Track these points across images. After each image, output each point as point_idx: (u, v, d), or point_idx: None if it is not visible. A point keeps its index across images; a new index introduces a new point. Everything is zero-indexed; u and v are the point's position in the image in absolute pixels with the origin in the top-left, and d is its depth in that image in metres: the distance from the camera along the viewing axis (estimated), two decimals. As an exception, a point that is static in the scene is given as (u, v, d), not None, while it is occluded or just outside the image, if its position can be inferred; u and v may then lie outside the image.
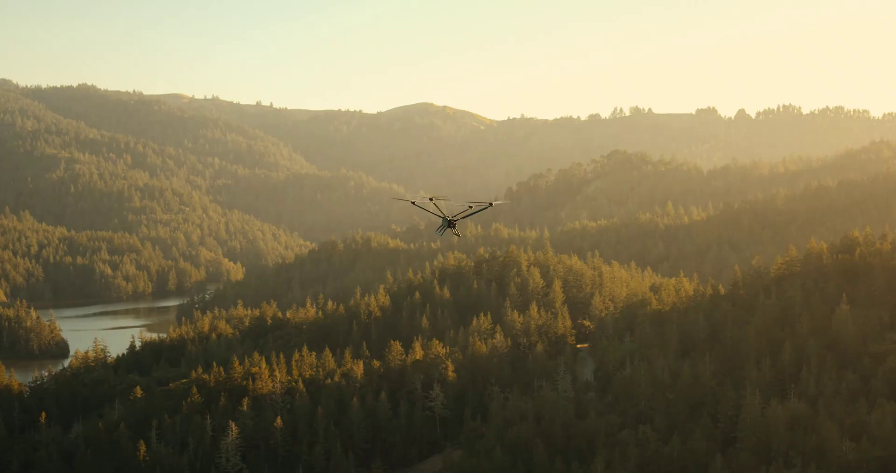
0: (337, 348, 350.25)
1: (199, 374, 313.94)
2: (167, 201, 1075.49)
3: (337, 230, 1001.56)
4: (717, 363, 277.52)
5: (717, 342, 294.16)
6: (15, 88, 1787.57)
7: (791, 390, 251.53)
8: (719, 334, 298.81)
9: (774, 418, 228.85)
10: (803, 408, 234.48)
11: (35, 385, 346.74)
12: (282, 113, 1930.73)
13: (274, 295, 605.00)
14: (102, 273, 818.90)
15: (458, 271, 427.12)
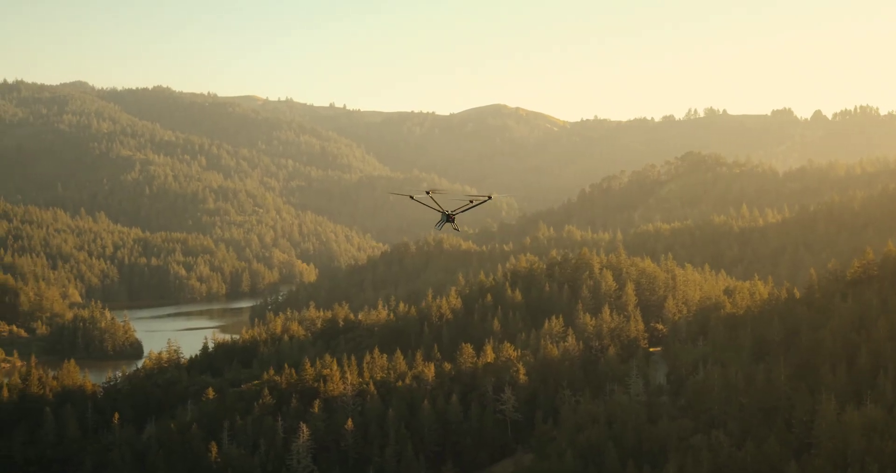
0: (408, 350, 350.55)
1: (270, 375, 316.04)
2: (241, 202, 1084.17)
3: (409, 232, 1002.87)
4: (791, 367, 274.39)
5: (792, 346, 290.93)
6: (91, 91, 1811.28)
7: (867, 395, 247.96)
8: (794, 338, 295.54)
9: (850, 423, 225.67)
10: (880, 414, 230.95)
11: (109, 386, 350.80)
12: (355, 115, 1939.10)
13: (346, 297, 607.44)
14: (177, 274, 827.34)
15: (530, 274, 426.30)
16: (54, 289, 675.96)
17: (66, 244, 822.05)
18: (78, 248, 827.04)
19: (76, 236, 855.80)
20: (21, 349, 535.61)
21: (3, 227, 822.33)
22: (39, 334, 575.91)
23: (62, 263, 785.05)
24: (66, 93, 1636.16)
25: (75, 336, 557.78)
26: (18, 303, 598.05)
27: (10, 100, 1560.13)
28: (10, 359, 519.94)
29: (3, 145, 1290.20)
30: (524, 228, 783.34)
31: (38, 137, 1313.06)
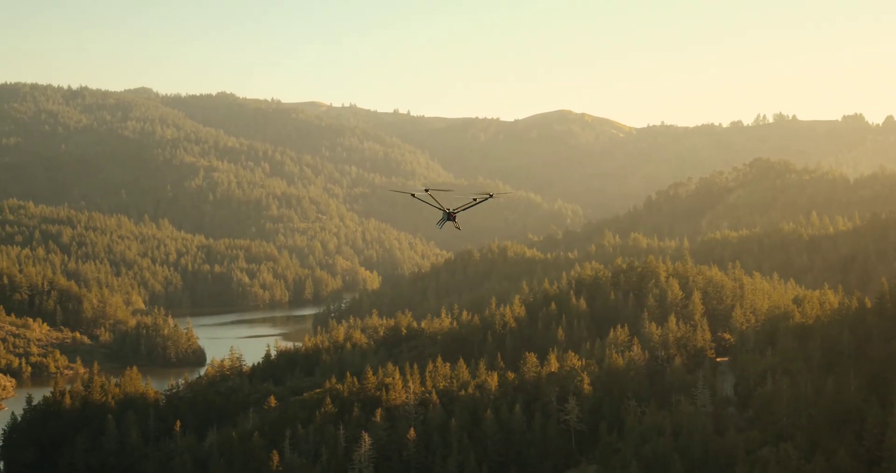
0: (471, 359, 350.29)
1: (332, 384, 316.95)
2: (304, 209, 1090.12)
3: (473, 240, 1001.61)
4: (862, 378, 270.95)
5: (863, 357, 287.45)
6: (155, 97, 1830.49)
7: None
8: (865, 348, 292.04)
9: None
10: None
11: (171, 394, 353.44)
12: (419, 121, 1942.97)
13: (409, 305, 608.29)
14: (240, 281, 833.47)
15: (595, 282, 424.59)
16: (118, 296, 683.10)
17: (130, 251, 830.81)
18: (141, 254, 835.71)
19: (140, 242, 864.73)
20: (84, 356, 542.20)
21: (68, 233, 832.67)
22: (102, 341, 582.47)
23: (126, 269, 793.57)
24: (130, 99, 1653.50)
25: (138, 344, 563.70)
26: (82, 310, 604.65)
27: (74, 106, 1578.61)
28: (73, 366, 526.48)
29: (68, 152, 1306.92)
30: (589, 235, 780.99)
31: (102, 144, 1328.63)
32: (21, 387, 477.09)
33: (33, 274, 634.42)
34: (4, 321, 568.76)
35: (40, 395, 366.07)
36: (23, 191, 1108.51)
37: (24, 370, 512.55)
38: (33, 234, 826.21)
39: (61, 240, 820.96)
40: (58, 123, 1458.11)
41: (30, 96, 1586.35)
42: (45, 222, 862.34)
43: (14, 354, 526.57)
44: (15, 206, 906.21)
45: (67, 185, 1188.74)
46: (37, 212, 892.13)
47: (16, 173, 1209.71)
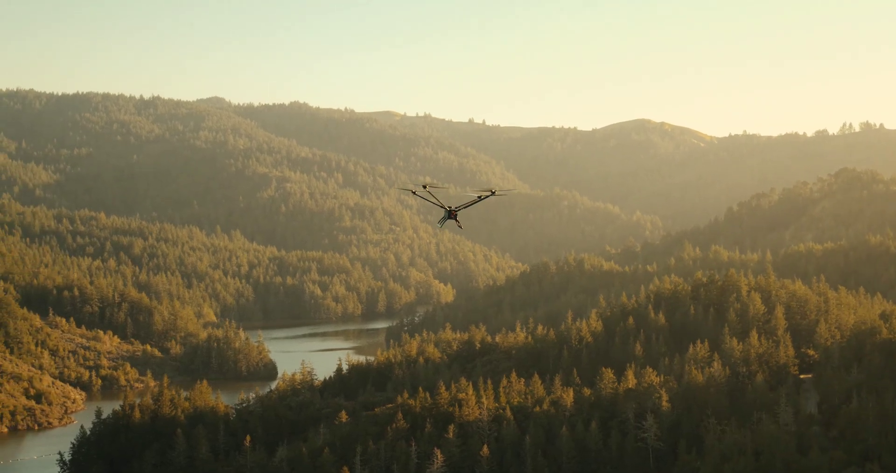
0: (546, 374, 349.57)
1: (404, 399, 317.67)
2: (378, 220, 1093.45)
3: (549, 252, 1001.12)
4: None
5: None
6: (228, 106, 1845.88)
7: None
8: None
9: None
10: None
11: (241, 408, 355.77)
12: (494, 130, 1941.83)
13: (483, 318, 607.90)
14: (312, 294, 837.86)
15: (674, 296, 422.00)
16: (189, 308, 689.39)
17: (202, 263, 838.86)
18: (213, 266, 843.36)
19: (211, 254, 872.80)
20: (154, 369, 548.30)
21: (139, 245, 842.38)
22: (173, 354, 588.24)
23: (197, 281, 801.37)
24: (203, 109, 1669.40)
25: (209, 357, 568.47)
26: (153, 322, 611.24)
27: (146, 116, 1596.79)
28: (143, 379, 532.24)
29: (139, 162, 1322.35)
30: (668, 248, 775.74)
31: (174, 154, 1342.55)
32: (91, 400, 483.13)
33: (104, 286, 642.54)
34: (75, 333, 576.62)
35: (110, 408, 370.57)
36: (94, 202, 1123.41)
37: (95, 383, 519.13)
38: (104, 245, 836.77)
39: (132, 252, 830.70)
40: (129, 134, 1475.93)
41: (101, 106, 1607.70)
42: (117, 233, 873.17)
43: (84, 367, 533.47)
44: (86, 217, 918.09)
45: (139, 196, 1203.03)
46: (108, 223, 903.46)
47: (87, 184, 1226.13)
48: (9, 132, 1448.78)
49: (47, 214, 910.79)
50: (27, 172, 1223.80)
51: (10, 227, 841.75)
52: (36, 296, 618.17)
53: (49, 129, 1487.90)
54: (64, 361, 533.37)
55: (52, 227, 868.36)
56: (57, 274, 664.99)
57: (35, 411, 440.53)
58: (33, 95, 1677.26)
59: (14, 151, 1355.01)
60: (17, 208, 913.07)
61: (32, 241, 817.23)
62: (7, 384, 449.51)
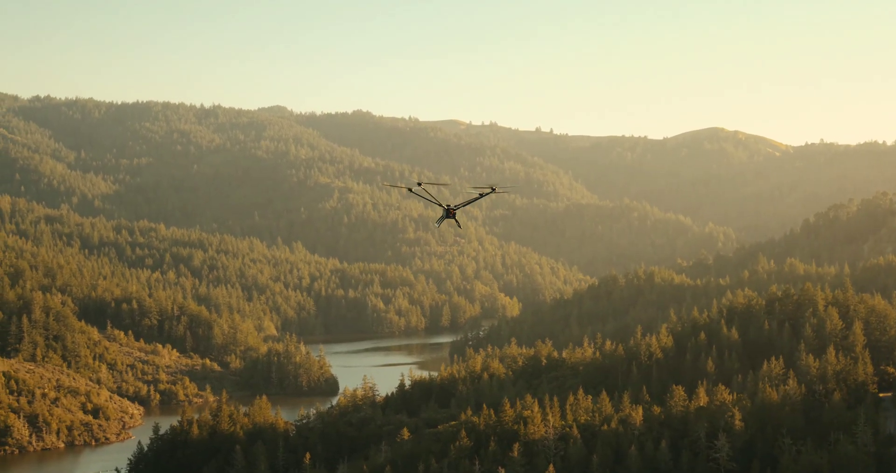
0: (615, 391, 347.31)
1: (468, 416, 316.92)
2: (442, 232, 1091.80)
3: (618, 264, 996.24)
4: None
5: None
6: (290, 115, 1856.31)
7: None
8: None
9: None
10: None
11: (301, 424, 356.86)
12: (562, 139, 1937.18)
13: (550, 333, 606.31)
14: (375, 307, 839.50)
15: (747, 310, 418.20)
16: (249, 322, 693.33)
17: (262, 275, 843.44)
18: (274, 279, 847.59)
19: (272, 266, 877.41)
20: (214, 383, 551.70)
21: (199, 256, 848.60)
22: (233, 368, 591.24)
23: (257, 294, 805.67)
24: (264, 118, 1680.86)
25: (269, 371, 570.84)
26: (212, 336, 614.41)
27: (207, 125, 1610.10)
28: (202, 394, 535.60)
29: (200, 172, 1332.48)
30: (742, 260, 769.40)
31: (235, 164, 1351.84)
32: (149, 415, 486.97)
33: (163, 299, 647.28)
34: (133, 346, 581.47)
35: (168, 424, 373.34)
36: (154, 213, 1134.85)
37: (153, 397, 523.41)
38: (164, 257, 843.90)
39: (192, 264, 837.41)
40: (190, 143, 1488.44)
41: (162, 115, 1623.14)
42: (176, 244, 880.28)
43: (143, 381, 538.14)
44: (146, 228, 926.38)
45: (199, 206, 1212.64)
46: (168, 234, 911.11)
47: (147, 195, 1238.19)
48: (68, 142, 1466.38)
49: (106, 225, 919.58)
50: (86, 183, 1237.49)
51: (69, 238, 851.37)
52: (94, 309, 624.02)
53: (108, 138, 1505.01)
54: (122, 375, 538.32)
55: (111, 238, 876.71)
56: (115, 286, 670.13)
57: (92, 426, 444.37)
58: (93, 104, 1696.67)
59: (73, 161, 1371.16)
60: (76, 219, 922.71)
61: (91, 252, 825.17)
62: (64, 399, 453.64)
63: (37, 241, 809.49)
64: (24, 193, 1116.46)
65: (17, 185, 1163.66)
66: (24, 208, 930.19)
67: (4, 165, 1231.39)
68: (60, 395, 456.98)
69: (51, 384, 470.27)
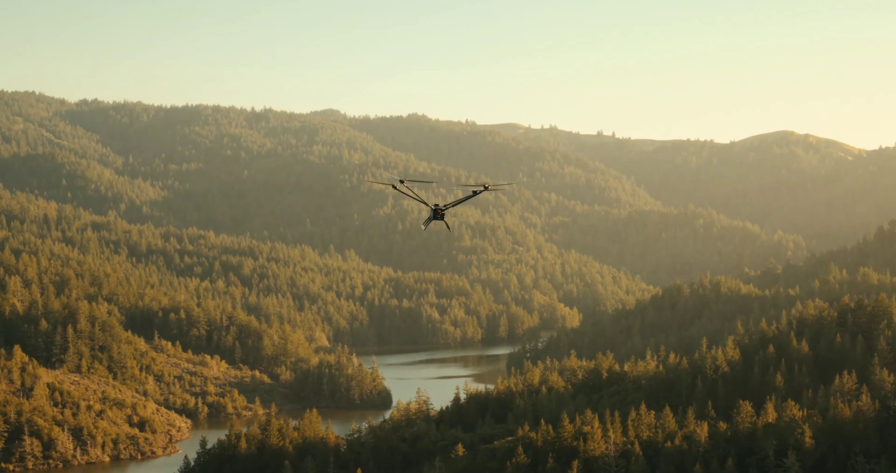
0: (679, 406, 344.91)
1: (525, 432, 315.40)
2: (499, 239, 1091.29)
3: (683, 273, 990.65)
4: None
5: None
6: (343, 119, 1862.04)
7: None
8: None
9: None
10: None
11: (352, 439, 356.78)
12: (624, 143, 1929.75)
13: (611, 345, 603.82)
14: (429, 318, 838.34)
15: (818, 322, 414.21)
16: (300, 332, 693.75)
17: (314, 284, 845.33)
18: (326, 288, 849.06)
19: (324, 275, 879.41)
20: (263, 396, 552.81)
21: (249, 265, 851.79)
22: (283, 380, 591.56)
23: (309, 304, 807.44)
24: (317, 122, 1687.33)
25: (320, 384, 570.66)
26: (262, 347, 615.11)
27: (258, 129, 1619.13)
28: (251, 406, 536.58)
29: (251, 178, 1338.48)
30: (812, 269, 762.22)
31: (287, 169, 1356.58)
32: (197, 429, 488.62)
33: (212, 308, 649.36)
34: (181, 357, 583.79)
35: (216, 438, 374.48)
36: (203, 219, 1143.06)
37: (201, 410, 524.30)
38: (213, 265, 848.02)
39: (242, 272, 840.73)
40: (240, 148, 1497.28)
41: (212, 119, 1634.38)
42: (226, 252, 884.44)
43: (190, 393, 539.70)
44: (195, 235, 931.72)
45: (249, 213, 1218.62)
46: (217, 242, 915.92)
47: (196, 201, 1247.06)
48: (115, 147, 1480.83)
49: (154, 232, 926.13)
50: (134, 189, 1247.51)
51: (116, 246, 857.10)
52: (141, 318, 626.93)
53: (157, 143, 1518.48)
54: (169, 387, 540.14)
55: (159, 246, 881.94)
56: (163, 295, 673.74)
57: (138, 439, 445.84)
58: (141, 107, 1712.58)
59: (121, 166, 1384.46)
60: (124, 227, 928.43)
61: (139, 260, 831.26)
62: (110, 411, 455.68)
63: (83, 248, 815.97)
64: (70, 199, 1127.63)
65: (63, 191, 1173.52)
66: (70, 214, 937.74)
67: (51, 170, 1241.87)
68: (106, 407, 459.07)
69: (96, 395, 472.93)
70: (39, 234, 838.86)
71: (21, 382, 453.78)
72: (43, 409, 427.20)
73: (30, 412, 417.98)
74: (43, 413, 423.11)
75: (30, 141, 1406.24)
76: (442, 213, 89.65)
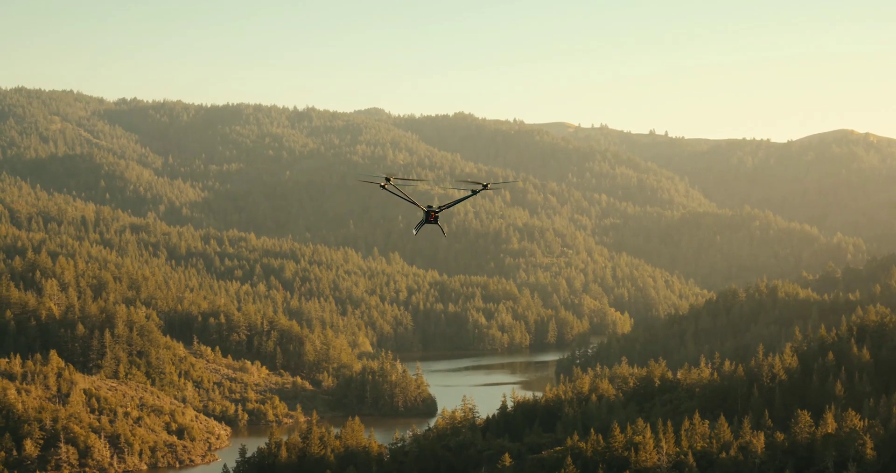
0: (734, 416, 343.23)
1: (575, 441, 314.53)
2: (548, 242, 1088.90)
3: (738, 277, 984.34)
4: None
5: None
6: (387, 118, 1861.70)
7: None
8: None
9: None
10: None
11: (396, 447, 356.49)
12: (678, 143, 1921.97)
13: (664, 352, 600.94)
14: (476, 323, 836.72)
15: (880, 328, 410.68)
16: (342, 337, 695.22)
17: (357, 288, 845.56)
18: (369, 292, 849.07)
19: (368, 278, 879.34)
20: (305, 403, 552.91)
21: (291, 268, 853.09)
22: (325, 386, 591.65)
23: (352, 308, 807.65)
24: (360, 121, 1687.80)
25: (363, 390, 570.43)
26: (304, 352, 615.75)
27: (300, 129, 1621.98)
28: (292, 414, 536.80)
29: (293, 179, 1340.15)
30: (874, 273, 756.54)
31: (330, 170, 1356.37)
32: (236, 436, 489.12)
33: (252, 312, 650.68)
34: (221, 363, 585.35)
35: (256, 446, 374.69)
36: (244, 221, 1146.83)
37: (241, 417, 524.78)
38: (254, 268, 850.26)
39: (283, 275, 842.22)
40: (282, 148, 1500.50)
41: (253, 118, 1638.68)
42: (267, 255, 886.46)
43: (230, 400, 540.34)
44: (235, 237, 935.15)
45: (291, 214, 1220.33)
46: (258, 244, 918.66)
47: (237, 202, 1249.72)
48: (155, 147, 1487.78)
49: (194, 234, 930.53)
50: (173, 190, 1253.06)
51: (155, 248, 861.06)
52: (180, 323, 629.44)
53: (197, 143, 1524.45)
54: (208, 393, 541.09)
55: (199, 248, 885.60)
56: (203, 299, 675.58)
57: (177, 447, 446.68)
58: (181, 106, 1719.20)
59: (160, 166, 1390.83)
60: (163, 228, 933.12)
61: (178, 263, 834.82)
62: (147, 418, 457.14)
63: (121, 251, 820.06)
64: (108, 200, 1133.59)
65: (101, 192, 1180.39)
66: (108, 216, 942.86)
67: (89, 171, 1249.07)
68: (144, 414, 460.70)
69: (134, 402, 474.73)
70: (77, 236, 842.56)
71: (57, 388, 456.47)
72: (79, 416, 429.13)
73: (66, 418, 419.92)
74: (79, 420, 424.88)
75: (68, 141, 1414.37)
76: (436, 215, 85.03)
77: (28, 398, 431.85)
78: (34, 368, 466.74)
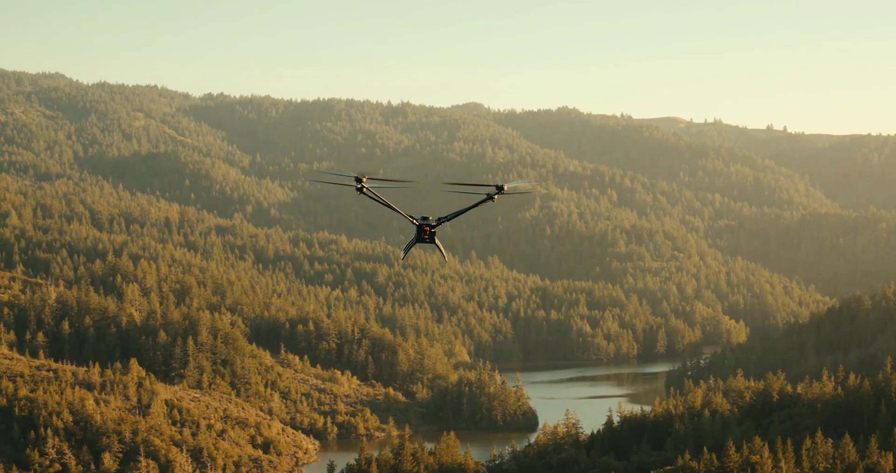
0: (860, 434, 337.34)
1: (686, 460, 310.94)
2: (658, 245, 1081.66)
3: (863, 283, 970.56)
4: None
5: None
6: (486, 113, 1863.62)
7: None
8: None
9: None
10: None
11: (493, 465, 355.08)
12: (797, 139, 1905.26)
13: (782, 364, 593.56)
14: (580, 331, 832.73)
15: None
16: (438, 346, 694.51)
17: (454, 293, 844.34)
18: (467, 298, 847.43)
19: (465, 283, 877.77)
20: (397, 415, 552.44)
21: (383, 272, 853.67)
22: (419, 398, 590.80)
23: (448, 315, 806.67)
24: (458, 116, 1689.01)
25: (459, 403, 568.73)
26: (397, 362, 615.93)
27: (394, 125, 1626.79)
28: (385, 427, 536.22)
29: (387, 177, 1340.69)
30: None
31: (426, 168, 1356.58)
32: (325, 451, 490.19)
33: (343, 320, 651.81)
34: (309, 373, 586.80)
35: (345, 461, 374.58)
36: (335, 223, 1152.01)
37: (330, 430, 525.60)
38: (345, 273, 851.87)
39: (376, 280, 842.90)
40: (375, 145, 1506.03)
41: (345, 114, 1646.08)
42: (359, 258, 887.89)
43: (319, 412, 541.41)
44: (326, 240, 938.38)
45: (384, 217, 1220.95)
46: (350, 247, 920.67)
47: (328, 203, 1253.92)
48: (242, 145, 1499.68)
49: (282, 237, 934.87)
50: (261, 190, 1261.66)
51: (242, 251, 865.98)
52: (266, 330, 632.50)
53: (286, 140, 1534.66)
54: (296, 405, 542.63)
55: (288, 251, 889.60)
56: (290, 305, 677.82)
57: (262, 462, 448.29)
58: (269, 102, 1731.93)
59: (248, 165, 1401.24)
60: (250, 230, 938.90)
61: (265, 267, 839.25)
62: (232, 431, 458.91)
63: (206, 254, 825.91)
64: (193, 200, 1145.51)
65: (186, 192, 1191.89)
66: (193, 217, 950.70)
67: (173, 170, 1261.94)
68: (228, 427, 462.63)
69: (217, 414, 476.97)
70: (160, 238, 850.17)
71: (137, 398, 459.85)
72: (160, 428, 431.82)
73: (146, 431, 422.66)
74: (160, 433, 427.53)
75: (151, 138, 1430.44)
76: (431, 230, 70.27)
77: (107, 410, 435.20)
78: (114, 377, 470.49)
